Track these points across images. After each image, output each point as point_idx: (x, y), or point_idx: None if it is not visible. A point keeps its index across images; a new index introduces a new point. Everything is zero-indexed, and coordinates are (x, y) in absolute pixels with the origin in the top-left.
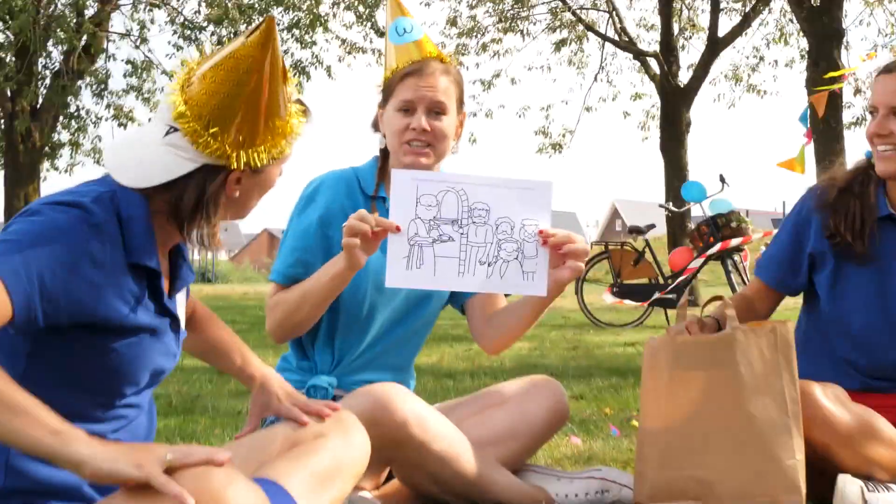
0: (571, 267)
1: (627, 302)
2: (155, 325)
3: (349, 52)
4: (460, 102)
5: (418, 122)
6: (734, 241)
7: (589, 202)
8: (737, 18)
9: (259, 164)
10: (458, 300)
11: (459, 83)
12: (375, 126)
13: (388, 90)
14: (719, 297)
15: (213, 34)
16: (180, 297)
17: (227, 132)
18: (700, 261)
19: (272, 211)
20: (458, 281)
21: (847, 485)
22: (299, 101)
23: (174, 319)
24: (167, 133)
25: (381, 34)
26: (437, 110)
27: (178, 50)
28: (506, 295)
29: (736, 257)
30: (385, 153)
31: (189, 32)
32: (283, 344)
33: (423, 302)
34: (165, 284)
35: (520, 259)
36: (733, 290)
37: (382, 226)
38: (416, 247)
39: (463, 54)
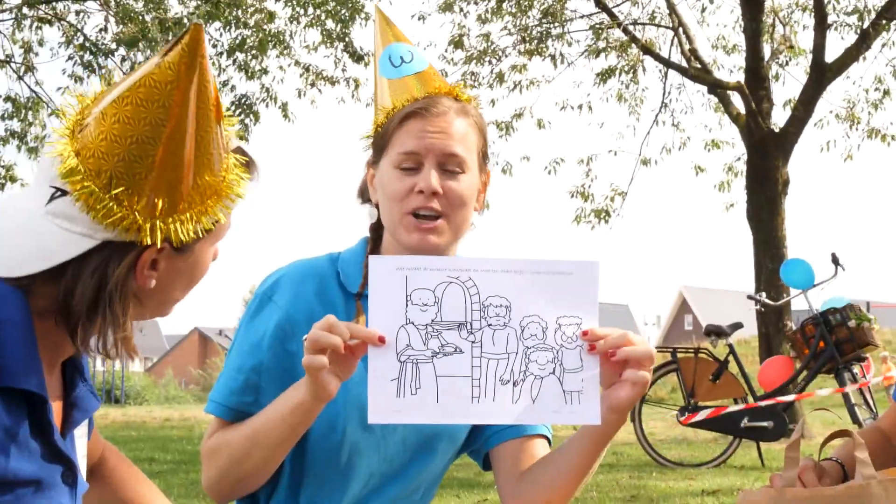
0: (631, 380)
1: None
2: (41, 476)
3: (312, 85)
4: (483, 156)
5: (427, 181)
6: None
7: (647, 291)
8: (852, 37)
9: (184, 240)
10: (479, 446)
11: (482, 129)
12: (363, 195)
13: (381, 140)
14: (845, 433)
15: (124, 60)
16: (80, 434)
17: (138, 194)
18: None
19: (205, 305)
20: (473, 410)
21: None
22: (240, 150)
23: (69, 466)
24: (52, 198)
25: (357, 58)
26: (452, 166)
27: (76, 82)
28: (547, 442)
29: (856, 369)
30: (377, 231)
31: (91, 58)
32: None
33: (430, 444)
34: (57, 416)
35: (558, 374)
36: (853, 415)
37: (359, 337)
38: (408, 364)
39: (472, 87)
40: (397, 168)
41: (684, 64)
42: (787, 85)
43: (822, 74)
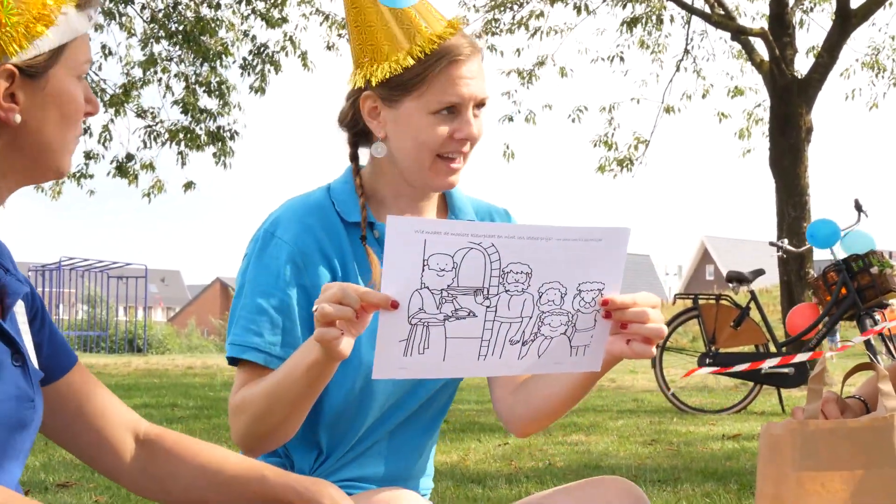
0: (636, 350)
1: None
2: None
3: (340, 35)
4: None
5: (468, 127)
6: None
7: (669, 240)
8: None
9: (19, 49)
10: None
11: (484, 57)
12: (343, 121)
13: (410, 81)
14: (867, 366)
15: (144, 8)
16: (24, 329)
17: None
18: (826, 321)
19: (228, 255)
20: (478, 366)
21: None
22: None
23: (16, 348)
24: None
25: None
26: (481, 105)
27: (97, 30)
28: None
29: (878, 316)
30: (355, 159)
31: (111, 5)
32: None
33: None
34: None
35: (569, 334)
36: (874, 359)
37: (371, 303)
38: (419, 326)
39: (494, 33)
40: (433, 114)
41: (707, 10)
42: (811, 31)
43: (846, 21)
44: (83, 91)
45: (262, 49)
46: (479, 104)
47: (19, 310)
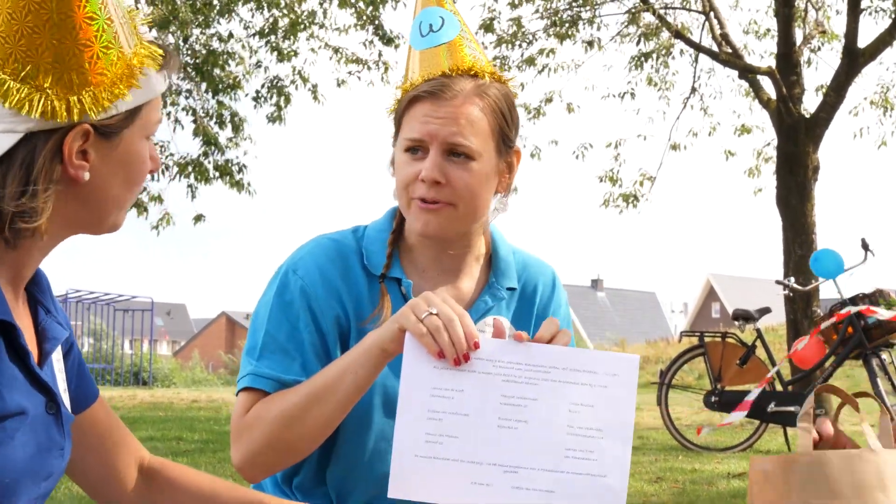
0: None
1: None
2: (24, 406)
3: (350, 73)
4: (504, 137)
5: (428, 170)
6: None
7: (675, 278)
8: (885, 22)
9: (103, 109)
10: None
11: (500, 109)
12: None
13: (396, 121)
14: (864, 394)
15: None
16: (58, 369)
17: (44, 71)
18: (831, 358)
19: (233, 289)
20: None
21: None
22: (155, 43)
23: (51, 397)
24: None
25: (388, 41)
26: (458, 154)
27: None
28: None
29: (884, 355)
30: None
31: None
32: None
33: None
34: (31, 345)
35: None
36: (882, 402)
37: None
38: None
39: (502, 69)
40: (406, 152)
41: (715, 48)
42: (819, 70)
43: (854, 60)
44: (149, 150)
45: (275, 81)
46: (454, 149)
47: (56, 347)
